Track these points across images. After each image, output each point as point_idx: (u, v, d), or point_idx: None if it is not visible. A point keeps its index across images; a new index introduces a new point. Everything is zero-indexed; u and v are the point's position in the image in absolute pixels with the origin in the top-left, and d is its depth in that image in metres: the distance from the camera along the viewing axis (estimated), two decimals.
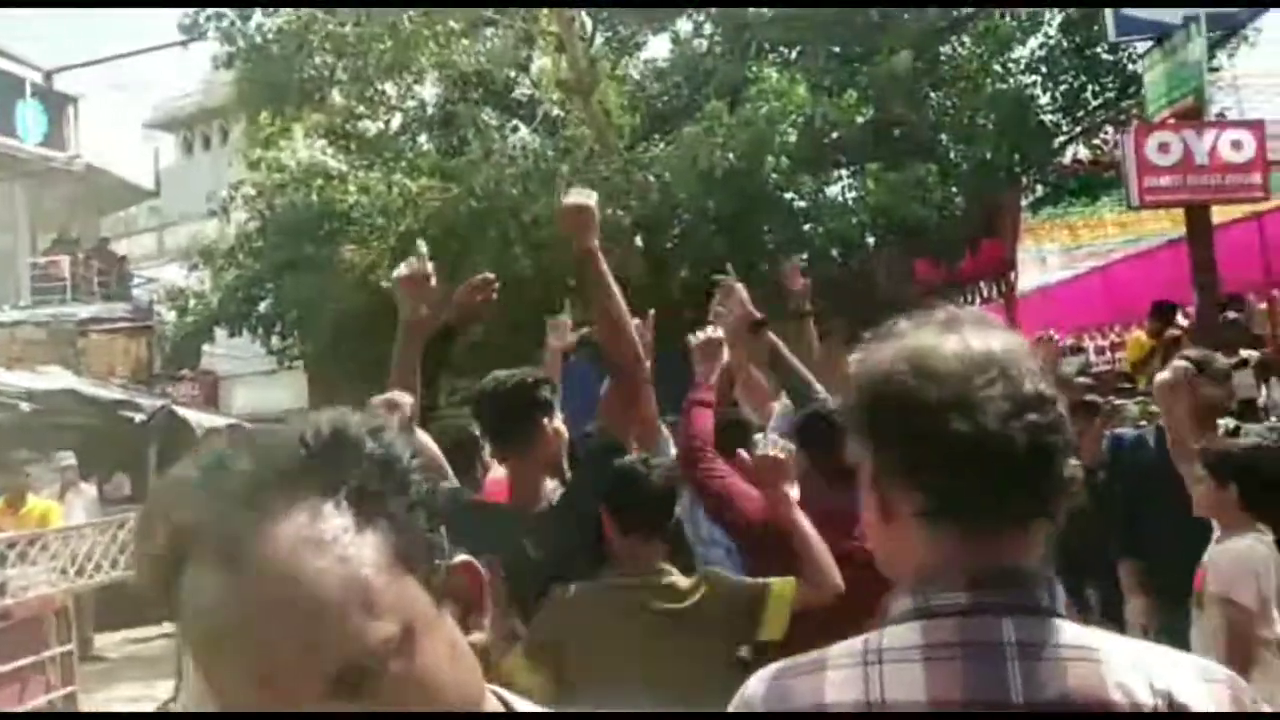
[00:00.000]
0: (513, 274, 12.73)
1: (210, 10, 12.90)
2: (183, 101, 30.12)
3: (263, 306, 18.44)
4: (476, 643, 0.88)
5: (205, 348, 20.36)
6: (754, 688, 1.17)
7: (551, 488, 3.12)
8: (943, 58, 15.66)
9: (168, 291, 19.28)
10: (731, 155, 12.92)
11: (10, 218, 17.95)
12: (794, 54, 15.79)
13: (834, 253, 14.08)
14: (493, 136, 13.31)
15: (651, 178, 13.49)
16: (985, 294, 17.11)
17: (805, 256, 14.02)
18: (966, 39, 15.70)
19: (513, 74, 16.32)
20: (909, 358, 1.15)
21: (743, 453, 3.29)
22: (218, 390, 23.10)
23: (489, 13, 14.39)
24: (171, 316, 19.38)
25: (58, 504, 6.94)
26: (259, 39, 13.08)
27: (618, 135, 14.74)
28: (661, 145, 14.42)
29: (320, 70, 13.72)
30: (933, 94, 15.79)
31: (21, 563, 4.14)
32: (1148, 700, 1.05)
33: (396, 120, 17.85)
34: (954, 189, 14.99)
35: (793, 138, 13.33)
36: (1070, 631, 1.10)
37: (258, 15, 13.24)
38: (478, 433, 3.72)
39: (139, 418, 12.38)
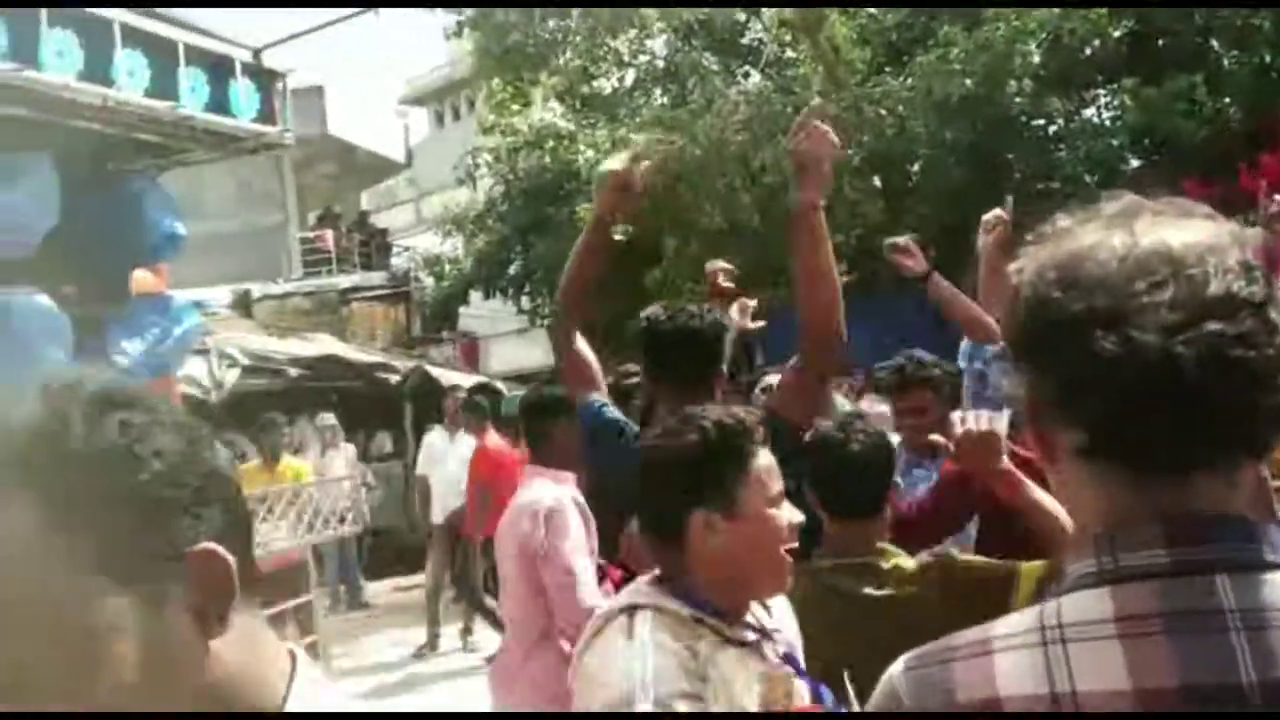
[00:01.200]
0: (740, 222, 12.60)
1: None
2: (432, 76, 31.35)
3: (512, 269, 19.23)
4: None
5: (462, 310, 21.39)
6: (898, 678, 0.95)
7: None
8: None
9: (424, 258, 20.31)
10: (968, 81, 12.24)
11: (280, 196, 19.39)
12: None
13: (1088, 179, 13.15)
14: (715, 84, 13.09)
15: (883, 112, 12.96)
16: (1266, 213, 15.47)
17: (1056, 184, 13.19)
18: None
19: (743, 19, 16.01)
20: (1061, 263, 0.93)
21: (938, 438, 2.80)
22: (477, 351, 24.28)
23: None
24: (429, 282, 20.39)
25: (308, 464, 7.39)
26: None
27: (849, 71, 14.24)
28: (895, 78, 13.78)
29: (553, 34, 13.90)
30: None
31: (271, 517, 4.37)
32: None
33: (630, 76, 17.92)
34: (1226, 100, 13.69)
35: (1036, 58, 12.48)
36: None
37: None
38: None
39: (395, 379, 13.08)
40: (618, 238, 11.73)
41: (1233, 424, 0.88)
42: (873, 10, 16.45)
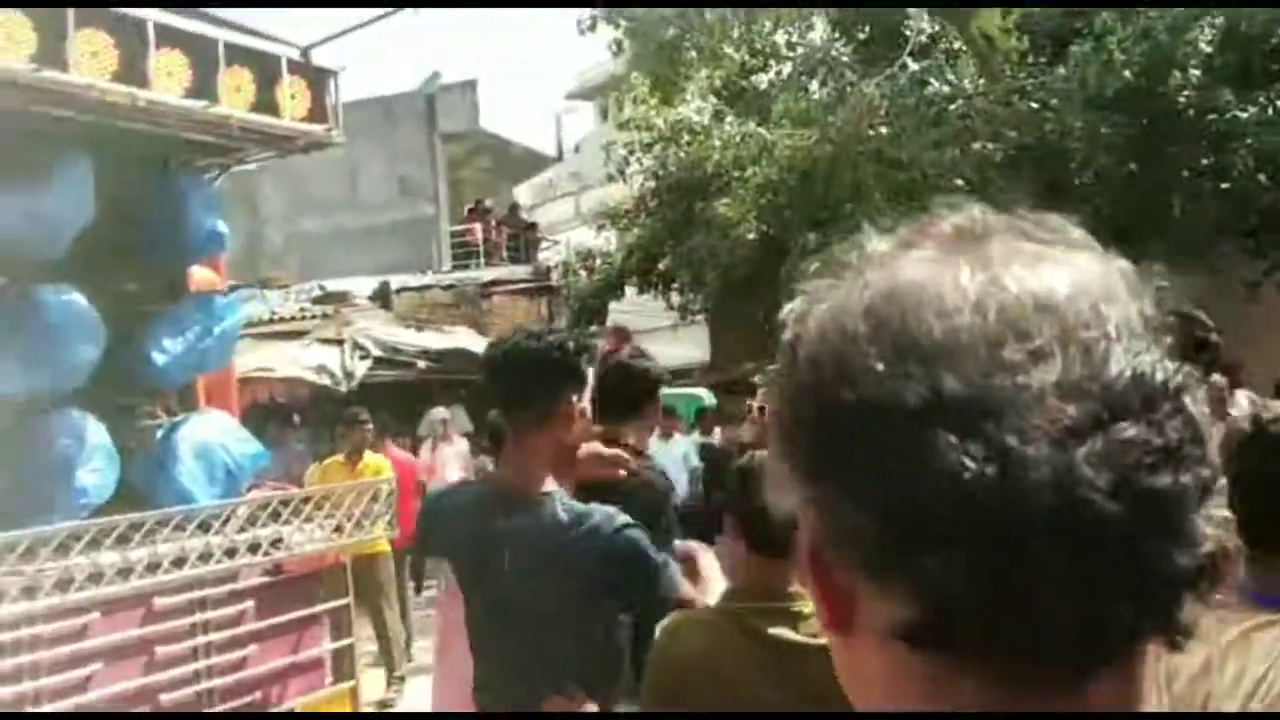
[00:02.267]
0: (869, 219, 12.16)
1: None
2: (598, 70, 31.70)
3: (663, 264, 19.24)
4: None
5: (614, 305, 21.52)
6: None
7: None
8: None
9: (577, 253, 20.53)
10: (1128, 73, 11.46)
11: (432, 188, 19.87)
12: None
13: (1261, 177, 12.14)
14: (847, 77, 12.66)
15: (1035, 105, 12.28)
16: None
17: (1225, 185, 12.26)
18: None
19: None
20: (875, 311, 0.59)
21: None
22: (628, 344, 24.44)
23: None
24: (582, 276, 20.58)
25: (386, 460, 7.46)
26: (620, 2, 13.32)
27: (1004, 62, 13.57)
28: (1051, 70, 13.06)
29: (711, 27, 13.67)
30: None
31: (296, 519, 4.37)
32: None
33: (787, 69, 17.60)
34: None
35: (1206, 49, 11.59)
36: None
37: None
38: None
39: None
40: (750, 236, 11.51)
41: (1152, 595, 0.56)
42: None
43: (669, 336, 22.82)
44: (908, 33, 15.21)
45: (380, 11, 4.74)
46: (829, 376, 0.59)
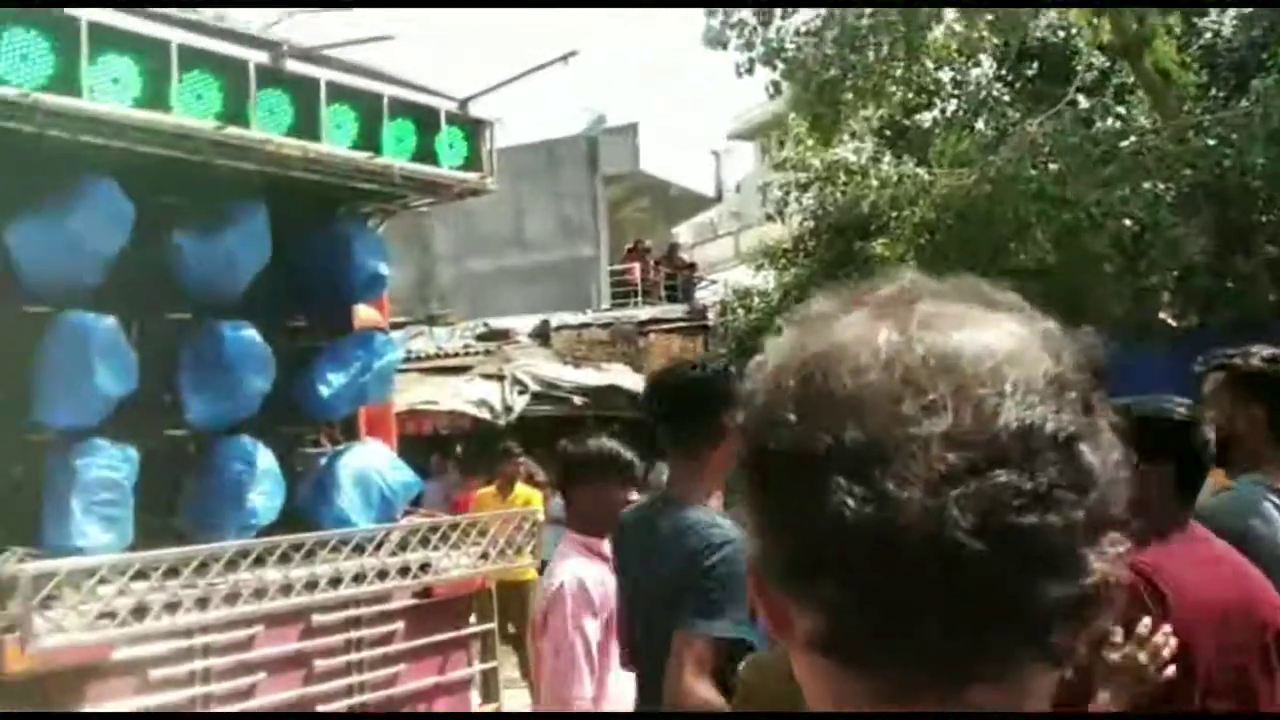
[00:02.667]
0: (1033, 262, 11.85)
1: (732, 17, 13.49)
2: (757, 111, 31.92)
3: None
4: None
5: None
6: None
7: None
8: None
9: (735, 291, 20.64)
10: None
11: (592, 230, 20.34)
12: None
13: None
14: (1009, 116, 12.41)
15: (1212, 142, 11.76)
16: None
17: None
18: None
19: (1082, 44, 15.03)
20: (804, 368, 0.69)
21: None
22: None
23: None
24: (740, 315, 20.66)
25: (538, 492, 7.68)
26: (776, 44, 13.42)
27: (1180, 98, 13.08)
28: (1230, 105, 12.51)
29: (872, 67, 13.56)
30: None
31: (444, 545, 4.60)
32: None
33: (952, 107, 17.36)
34: None
35: None
36: None
37: (776, 19, 13.60)
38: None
39: None
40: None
41: (1021, 621, 0.63)
42: (1205, 27, 15.06)
43: None
44: (1077, 68, 14.84)
45: (537, 64, 4.97)
46: (762, 424, 0.69)
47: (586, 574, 3.35)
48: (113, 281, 4.07)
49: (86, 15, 3.65)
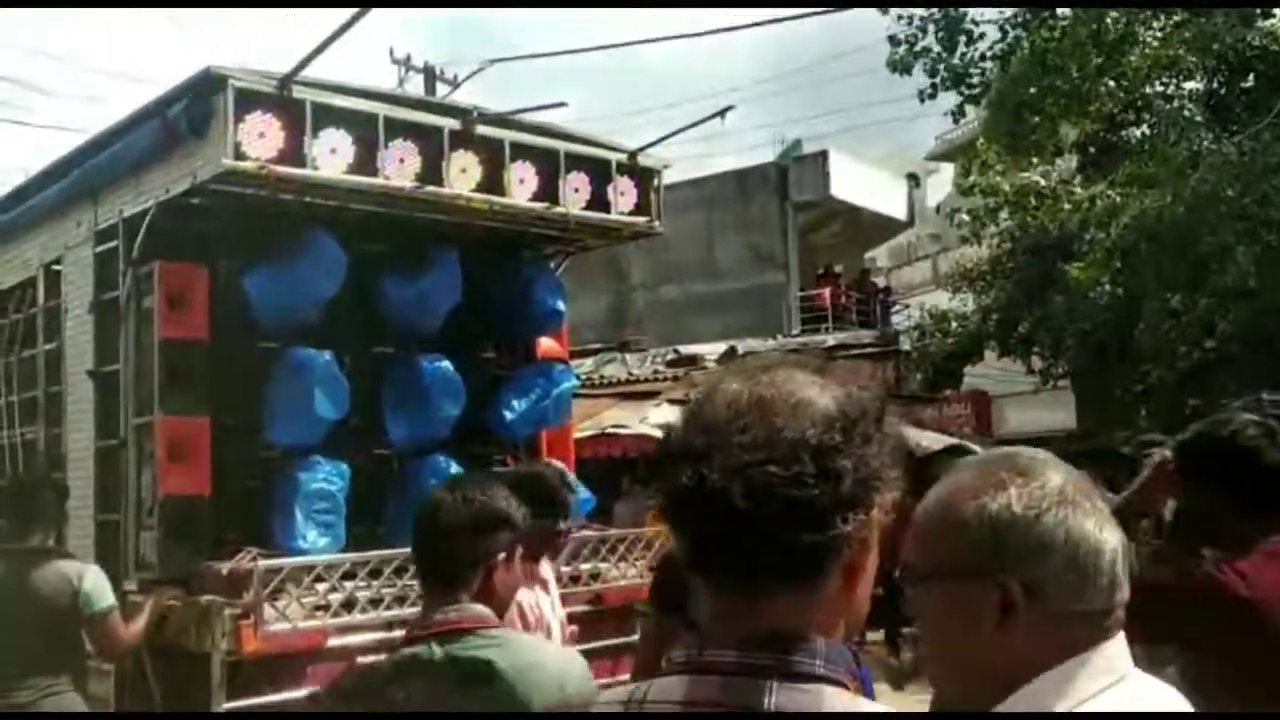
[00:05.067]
0: (1235, 284, 11.42)
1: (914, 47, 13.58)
2: (956, 132, 31.34)
3: (1021, 327, 18.78)
4: None
5: (969, 369, 21.15)
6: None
7: None
8: None
9: (931, 315, 20.43)
10: None
11: (782, 257, 20.60)
12: None
13: None
14: (1201, 135, 12.00)
15: None
16: None
17: None
18: None
19: None
20: (697, 403, 1.09)
21: None
22: (990, 410, 23.80)
23: None
24: (936, 339, 20.43)
25: None
26: (961, 68, 13.43)
27: None
28: None
29: (1078, 81, 13.28)
30: None
31: (612, 557, 5.06)
32: None
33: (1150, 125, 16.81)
34: None
35: None
36: (834, 700, 1.03)
37: (961, 44, 13.61)
38: None
39: None
40: (1103, 301, 11.15)
41: (787, 553, 1.01)
42: None
43: (1030, 401, 22.01)
44: None
45: (704, 115, 5.41)
46: (666, 432, 1.10)
47: (525, 598, 3.42)
48: (329, 320, 4.73)
49: (311, 97, 4.31)
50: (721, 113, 5.14)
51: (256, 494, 4.75)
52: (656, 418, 12.09)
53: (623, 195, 5.31)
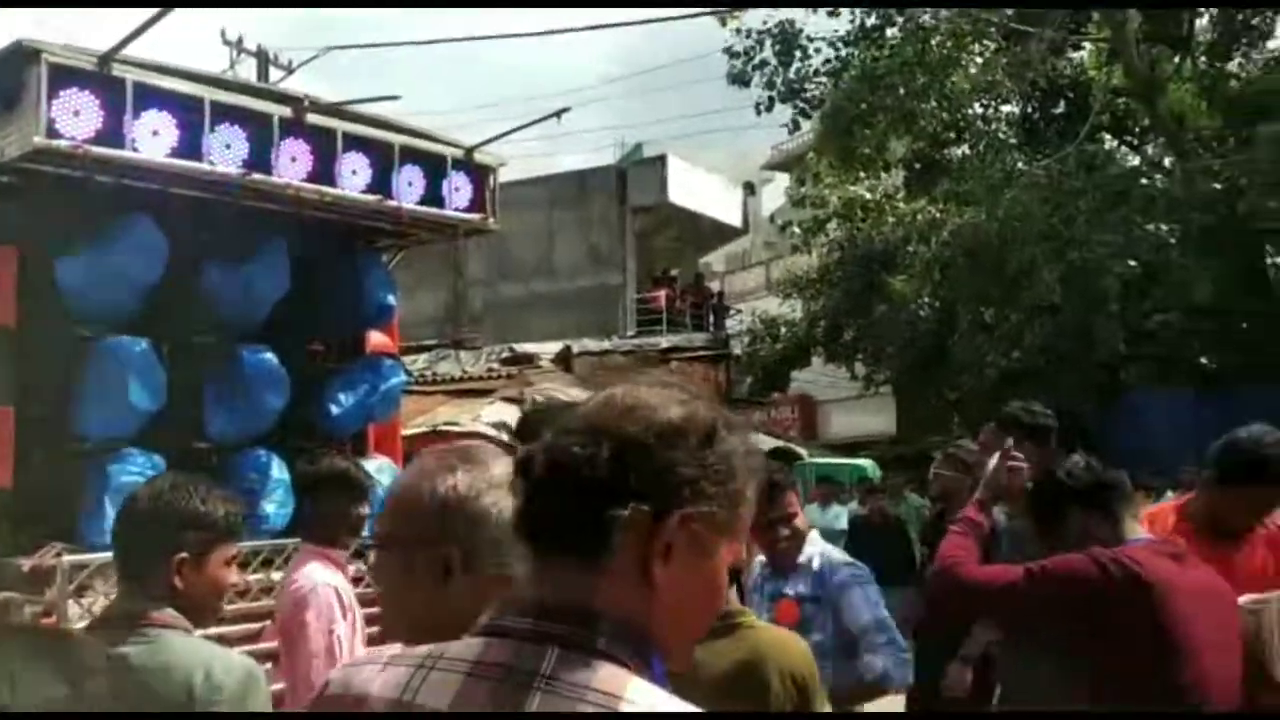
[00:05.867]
0: (1040, 300, 12.17)
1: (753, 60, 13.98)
2: (792, 143, 32.27)
3: (847, 334, 19.47)
4: None
5: (797, 374, 21.79)
6: (341, 669, 1.27)
7: None
8: None
9: (763, 321, 20.95)
10: None
11: (619, 259, 20.81)
12: None
13: None
14: (1015, 157, 12.75)
15: (1218, 186, 12.05)
16: None
17: None
18: None
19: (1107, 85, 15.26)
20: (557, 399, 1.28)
21: None
22: (815, 414, 24.57)
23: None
24: (765, 344, 20.96)
25: None
26: (796, 83, 13.89)
27: (1194, 140, 13.36)
28: (1244, 149, 12.75)
29: (905, 100, 13.79)
30: None
31: None
32: None
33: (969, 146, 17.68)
34: None
35: None
36: (608, 677, 1.08)
37: (797, 60, 14.08)
38: None
39: None
40: (923, 313, 11.68)
41: (575, 526, 1.11)
42: (1230, 72, 15.30)
43: (853, 406, 22.83)
44: (1094, 106, 15.15)
45: (540, 115, 5.44)
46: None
47: (333, 579, 3.47)
48: (148, 308, 4.56)
49: (133, 76, 4.16)
50: (559, 113, 5.20)
51: (64, 488, 4.54)
52: (490, 416, 12.04)
53: (458, 191, 5.30)
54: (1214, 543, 2.97)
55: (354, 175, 4.90)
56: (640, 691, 1.07)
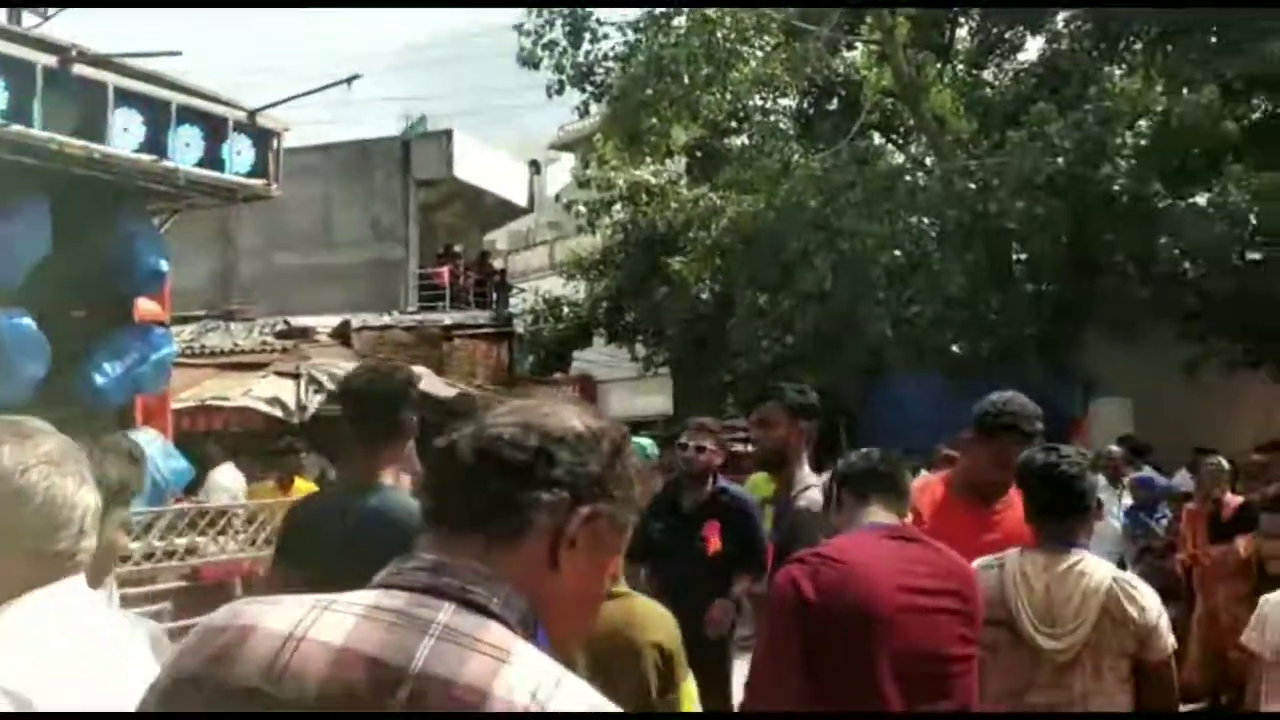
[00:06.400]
0: (809, 286, 12.78)
1: (543, 40, 13.98)
2: (579, 124, 32.27)
3: (628, 315, 19.81)
4: None
5: (581, 354, 21.98)
6: (228, 605, 1.26)
7: None
8: None
9: (546, 300, 21.02)
10: (1061, 160, 12.13)
11: (402, 233, 20.43)
12: (1159, 49, 14.32)
13: (1186, 265, 12.78)
14: (793, 148, 13.32)
15: (973, 186, 12.94)
16: None
17: (1155, 272, 12.86)
18: None
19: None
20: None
21: None
22: (596, 393, 24.86)
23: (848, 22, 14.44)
24: (548, 324, 21.04)
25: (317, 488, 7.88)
26: (585, 67, 14.00)
27: (953, 141, 14.26)
28: (997, 152, 13.72)
29: (690, 88, 14.04)
30: None
31: (211, 531, 4.86)
32: (522, 701, 1.12)
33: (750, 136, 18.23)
34: None
35: (1130, 140, 12.28)
36: (499, 634, 1.16)
37: (586, 43, 14.18)
38: None
39: None
40: (704, 295, 11.97)
41: (495, 503, 1.21)
42: (984, 81, 16.41)
43: (633, 386, 23.25)
44: (865, 105, 15.96)
45: (330, 81, 5.29)
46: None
47: None
48: None
49: None
50: (349, 80, 5.07)
51: None
52: (262, 391, 11.63)
53: (239, 155, 5.11)
54: (977, 502, 3.33)
55: (126, 133, 4.65)
56: (528, 650, 1.16)
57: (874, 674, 2.40)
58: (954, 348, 14.31)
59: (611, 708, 1.19)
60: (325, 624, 1.15)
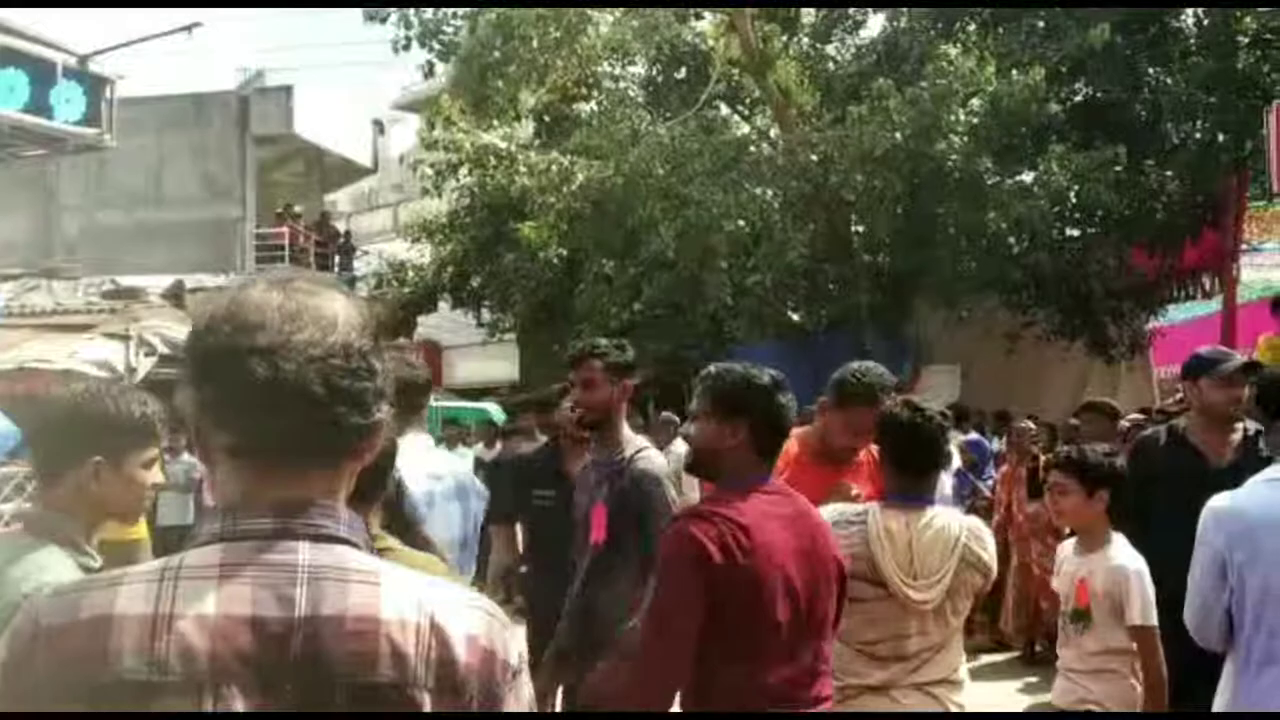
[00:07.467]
0: (655, 253, 12.94)
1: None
2: (424, 85, 31.64)
3: (474, 281, 19.59)
4: None
5: (427, 320, 21.65)
6: (39, 603, 1.18)
7: None
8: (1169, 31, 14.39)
9: (390, 264, 20.59)
10: (898, 135, 12.53)
11: (238, 191, 19.71)
12: (991, 31, 14.89)
13: (1011, 240, 13.43)
14: (642, 116, 13.41)
15: (815, 158, 13.26)
16: (1207, 287, 15.58)
17: (983, 245, 13.44)
18: (1190, 12, 14.45)
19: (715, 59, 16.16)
20: (230, 310, 1.18)
21: None
22: (440, 359, 24.52)
23: None
24: (393, 288, 20.63)
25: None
26: (433, 25, 13.73)
27: (799, 114, 14.55)
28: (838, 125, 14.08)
29: (539, 52, 13.90)
30: (1151, 71, 14.56)
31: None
32: (413, 617, 1.16)
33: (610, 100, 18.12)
34: (1169, 173, 13.98)
35: (964, 117, 12.78)
36: (357, 558, 1.19)
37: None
38: None
39: None
40: (553, 260, 11.90)
41: (341, 433, 1.18)
42: (838, 56, 16.81)
43: (478, 352, 23.07)
44: (713, 75, 16.14)
45: (166, 29, 5.06)
46: (207, 337, 1.18)
47: None
48: None
49: None
50: (188, 27, 4.86)
51: None
52: (90, 354, 11.08)
53: (68, 103, 4.85)
54: (827, 465, 3.46)
55: None
56: (388, 566, 1.21)
57: (770, 626, 2.51)
58: (793, 315, 14.74)
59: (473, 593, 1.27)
60: (186, 596, 1.13)
